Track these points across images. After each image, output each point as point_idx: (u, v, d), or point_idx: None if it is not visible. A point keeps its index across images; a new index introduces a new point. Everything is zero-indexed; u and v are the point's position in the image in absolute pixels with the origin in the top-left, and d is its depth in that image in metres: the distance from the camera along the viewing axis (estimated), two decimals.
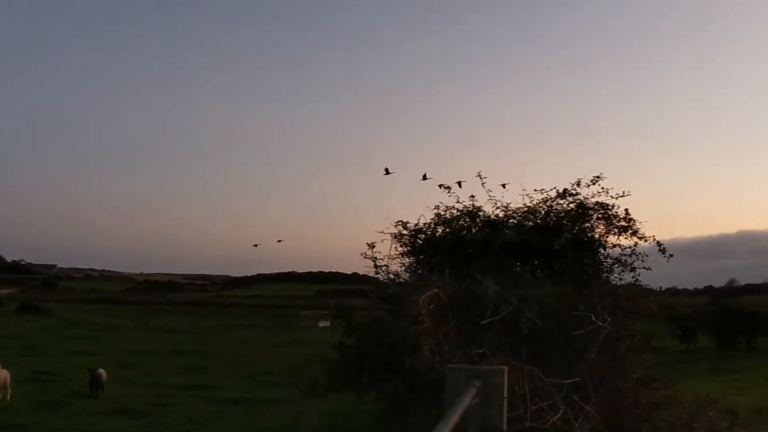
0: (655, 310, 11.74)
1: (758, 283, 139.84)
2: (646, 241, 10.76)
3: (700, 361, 41.78)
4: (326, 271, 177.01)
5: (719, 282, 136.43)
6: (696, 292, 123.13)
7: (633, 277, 10.87)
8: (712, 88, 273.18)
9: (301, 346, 42.57)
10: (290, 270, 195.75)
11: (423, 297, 7.28)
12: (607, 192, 10.99)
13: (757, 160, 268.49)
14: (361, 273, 11.35)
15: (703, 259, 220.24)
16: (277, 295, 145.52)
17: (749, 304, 67.29)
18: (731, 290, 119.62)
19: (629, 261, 10.83)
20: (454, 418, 3.84)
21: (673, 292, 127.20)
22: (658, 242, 10.76)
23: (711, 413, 12.10)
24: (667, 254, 10.88)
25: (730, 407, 15.50)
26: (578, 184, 11.07)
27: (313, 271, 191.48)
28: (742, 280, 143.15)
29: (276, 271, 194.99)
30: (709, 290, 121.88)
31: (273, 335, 55.23)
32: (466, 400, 4.61)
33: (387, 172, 12.89)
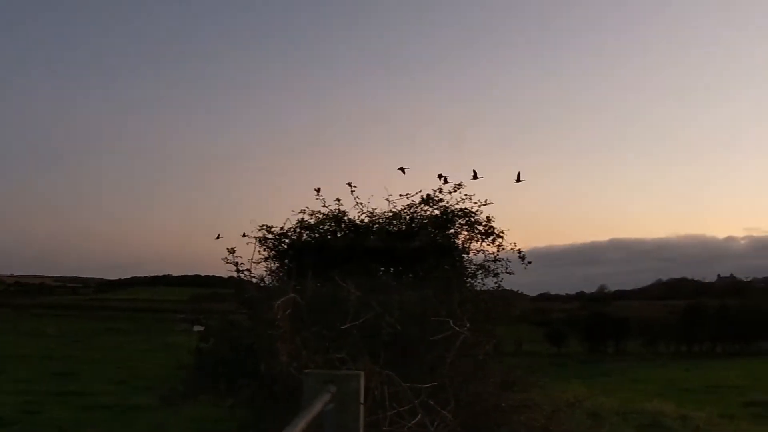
0: (518, 315, 12.00)
1: (628, 289, 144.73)
2: (503, 249, 10.93)
3: (571, 364, 42.79)
4: (203, 274, 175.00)
5: (591, 288, 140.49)
6: (568, 298, 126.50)
7: (496, 282, 11.04)
8: (583, 98, 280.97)
9: (175, 351, 41.81)
10: (166, 273, 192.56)
11: (279, 301, 7.17)
12: (471, 199, 11.15)
13: (628, 172, 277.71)
14: (226, 277, 11.12)
15: (576, 266, 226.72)
16: (152, 299, 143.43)
17: (619, 310, 69.50)
18: (602, 296, 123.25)
19: (492, 267, 11.00)
20: (301, 424, 3.73)
21: (546, 297, 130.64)
22: (518, 250, 10.98)
23: (575, 415, 12.31)
24: (525, 261, 11.10)
25: (595, 409, 15.87)
26: (440, 191, 11.20)
27: (189, 274, 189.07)
28: (613, 286, 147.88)
29: (151, 274, 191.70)
30: (580, 296, 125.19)
31: (146, 340, 54.08)
32: (318, 405, 4.51)
33: (402, 170, 12.69)
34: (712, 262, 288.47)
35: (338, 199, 11.49)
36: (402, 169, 12.53)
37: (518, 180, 12.70)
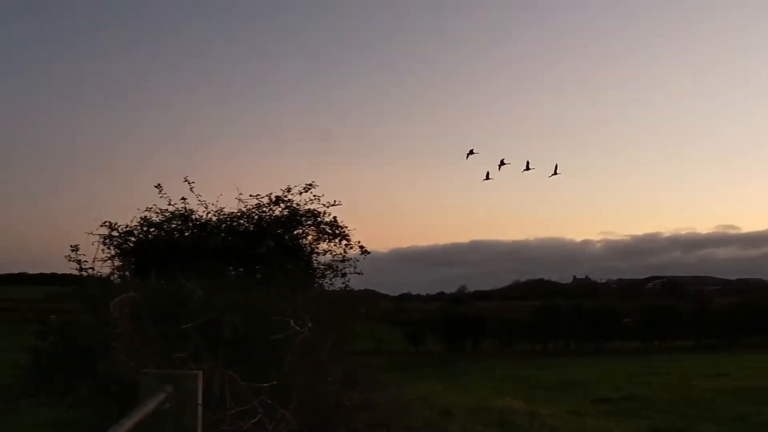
0: (378, 315, 12.05)
1: (487, 289, 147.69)
2: (352, 248, 11.01)
3: (429, 363, 43.21)
4: (59, 272, 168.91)
5: (451, 288, 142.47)
6: (429, 298, 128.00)
7: (343, 282, 11.09)
8: (440, 98, 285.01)
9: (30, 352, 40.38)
10: (22, 271, 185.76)
11: (116, 300, 6.99)
12: (319, 200, 11.16)
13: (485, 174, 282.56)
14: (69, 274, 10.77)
15: (437, 267, 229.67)
16: (7, 298, 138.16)
17: (477, 310, 70.78)
18: (461, 296, 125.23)
19: (340, 267, 11.04)
20: (128, 424, 3.63)
21: (408, 297, 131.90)
22: (362, 247, 11.06)
23: (425, 413, 12.44)
24: (363, 256, 11.19)
25: (447, 407, 16.07)
26: (289, 191, 11.16)
27: (45, 272, 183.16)
28: (473, 287, 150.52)
29: (5, 272, 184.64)
30: (441, 296, 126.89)
31: None
32: (150, 405, 4.40)
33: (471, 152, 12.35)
34: (569, 265, 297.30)
35: (184, 198, 11.31)
36: (471, 152, 12.43)
37: (555, 173, 12.65)
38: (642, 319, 61.30)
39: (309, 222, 10.95)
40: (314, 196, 11.04)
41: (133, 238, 10.94)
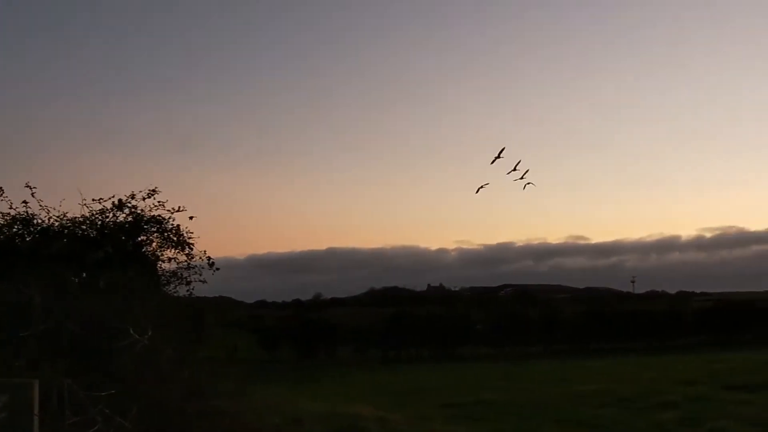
0: (233, 321, 11.90)
1: (343, 296, 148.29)
2: (193, 257, 10.85)
3: (282, 371, 43.00)
4: None
5: (307, 295, 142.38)
6: (285, 305, 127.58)
7: (188, 290, 10.91)
8: (298, 108, 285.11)
9: None
10: None
11: None
12: (164, 205, 10.93)
13: (346, 181, 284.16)
14: None
15: (294, 274, 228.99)
16: None
17: (332, 317, 70.91)
18: (317, 303, 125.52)
19: (185, 275, 10.85)
20: None
21: (263, 304, 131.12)
22: (208, 257, 10.91)
23: (273, 420, 12.35)
24: (214, 268, 11.07)
25: (297, 414, 16.02)
26: (133, 196, 10.88)
27: None
28: (328, 294, 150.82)
29: None
30: (296, 303, 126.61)
31: None
32: None
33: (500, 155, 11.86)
34: (424, 272, 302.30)
35: (25, 202, 10.90)
36: (500, 155, 12.14)
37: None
38: (494, 326, 62.71)
39: (153, 229, 10.70)
40: (159, 202, 10.82)
41: None
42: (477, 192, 13.48)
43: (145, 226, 10.64)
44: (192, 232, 11.21)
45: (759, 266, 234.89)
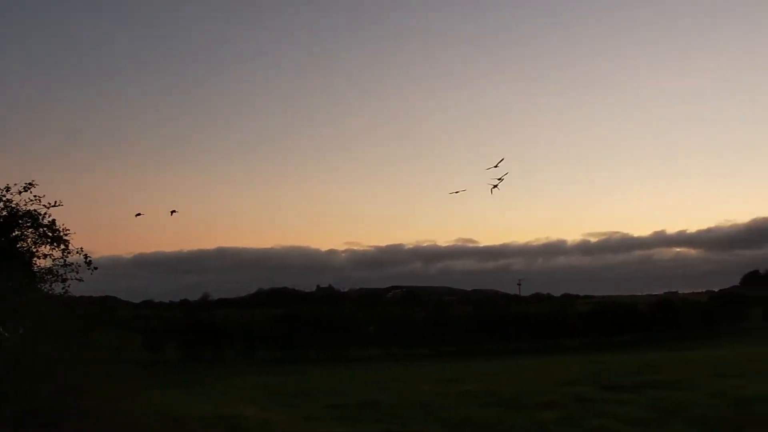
0: (98, 321, 11.55)
1: (231, 297, 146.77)
2: (69, 253, 10.53)
3: (168, 371, 42.31)
4: None
5: (195, 295, 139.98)
6: (172, 305, 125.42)
7: (63, 288, 10.56)
8: (197, 107, 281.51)
9: None
10: None
11: None
12: (40, 200, 10.55)
13: (237, 181, 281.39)
14: None
15: (182, 273, 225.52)
16: None
17: (220, 317, 70.16)
18: (205, 303, 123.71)
19: (60, 272, 10.50)
20: None
21: (150, 304, 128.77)
22: (85, 255, 10.57)
23: (153, 421, 12.08)
24: (92, 267, 10.75)
25: (181, 415, 15.75)
26: (8, 189, 10.45)
27: None
28: (217, 294, 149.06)
29: None
30: (184, 303, 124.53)
31: None
32: None
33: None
34: (314, 273, 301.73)
35: None
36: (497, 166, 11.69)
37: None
38: (382, 327, 62.97)
39: (28, 224, 10.26)
40: (35, 196, 10.40)
41: None
42: (454, 193, 13.39)
43: (20, 221, 10.20)
44: (68, 229, 10.81)
45: (641, 270, 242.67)
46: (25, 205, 10.45)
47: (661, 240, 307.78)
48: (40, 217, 10.38)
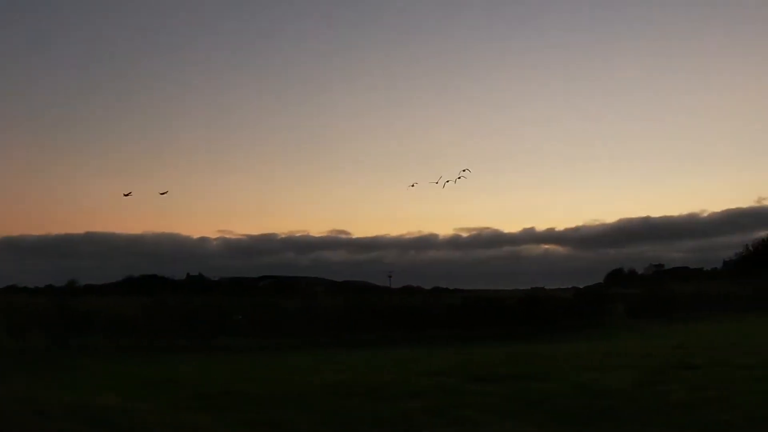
0: None
1: (99, 283, 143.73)
2: None
3: (31, 360, 41.31)
4: None
5: (62, 281, 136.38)
6: (37, 291, 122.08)
7: None
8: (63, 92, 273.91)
9: None
10: None
11: None
12: None
13: (109, 163, 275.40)
14: None
15: (49, 258, 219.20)
16: None
17: (86, 304, 68.57)
18: (72, 289, 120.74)
19: None
20: None
21: (14, 290, 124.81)
22: None
23: (18, 412, 11.91)
24: None
25: (43, 405, 15.52)
26: None
27: None
28: (85, 280, 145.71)
29: None
30: (49, 289, 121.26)
31: None
32: None
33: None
34: (185, 261, 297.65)
35: None
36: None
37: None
38: (252, 316, 62.70)
39: None
40: None
41: None
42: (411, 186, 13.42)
43: None
44: None
45: (509, 266, 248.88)
46: None
47: (530, 237, 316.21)
48: None
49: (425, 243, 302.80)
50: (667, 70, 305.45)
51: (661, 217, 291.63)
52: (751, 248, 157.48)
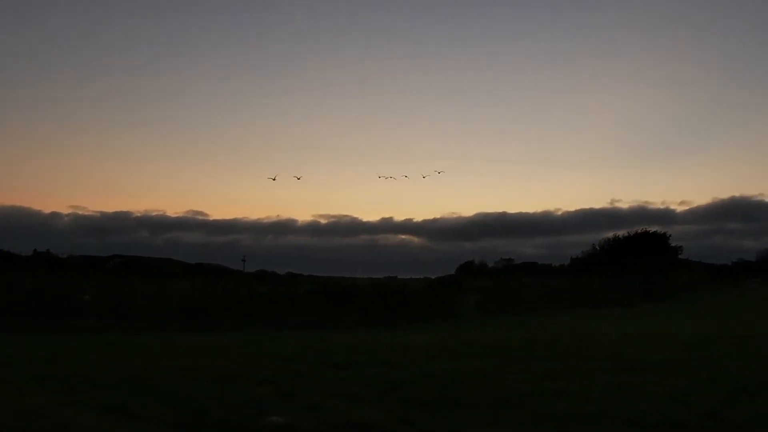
0: None
1: None
2: None
3: None
4: None
5: None
6: None
7: None
8: None
9: None
10: None
11: None
12: None
13: None
14: None
15: None
16: None
17: None
18: None
19: None
20: None
21: None
22: None
23: None
24: None
25: None
26: None
27: None
28: None
29: None
30: None
31: None
32: None
33: None
34: (33, 236, 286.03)
35: None
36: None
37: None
38: (100, 297, 61.19)
39: None
40: None
41: None
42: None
43: None
44: None
45: (366, 254, 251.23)
46: None
47: (388, 226, 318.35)
48: None
49: (284, 228, 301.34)
50: (532, 74, 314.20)
51: (517, 213, 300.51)
52: (597, 247, 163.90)
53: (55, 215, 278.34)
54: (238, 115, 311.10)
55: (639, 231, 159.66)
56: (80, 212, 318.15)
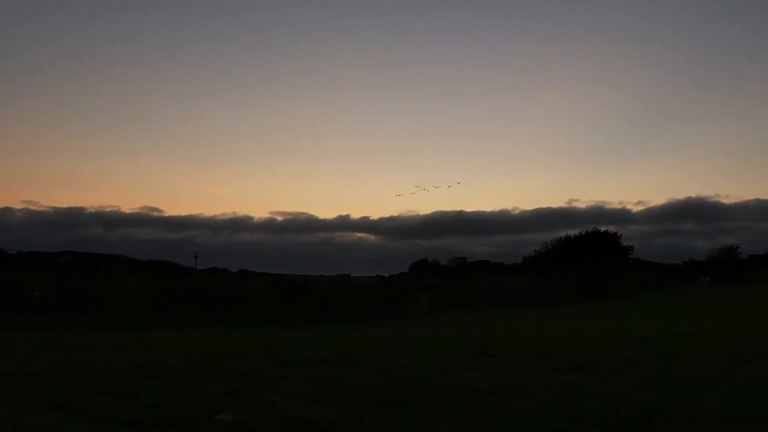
0: None
1: None
2: None
3: None
4: None
5: None
6: None
7: None
8: None
9: None
10: None
11: None
12: None
13: None
14: None
15: None
16: None
17: None
18: None
19: None
20: None
21: None
22: None
23: None
24: None
25: None
26: None
27: None
28: None
29: None
30: None
31: None
32: None
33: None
34: None
35: None
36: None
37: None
38: (49, 293, 60.45)
39: None
40: None
41: None
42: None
43: None
44: None
45: (321, 251, 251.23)
46: None
47: (344, 224, 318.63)
48: None
49: (239, 225, 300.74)
50: (489, 73, 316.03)
51: (473, 212, 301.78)
52: (550, 246, 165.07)
53: (6, 210, 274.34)
54: (194, 110, 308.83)
55: (591, 230, 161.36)
56: (33, 207, 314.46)
